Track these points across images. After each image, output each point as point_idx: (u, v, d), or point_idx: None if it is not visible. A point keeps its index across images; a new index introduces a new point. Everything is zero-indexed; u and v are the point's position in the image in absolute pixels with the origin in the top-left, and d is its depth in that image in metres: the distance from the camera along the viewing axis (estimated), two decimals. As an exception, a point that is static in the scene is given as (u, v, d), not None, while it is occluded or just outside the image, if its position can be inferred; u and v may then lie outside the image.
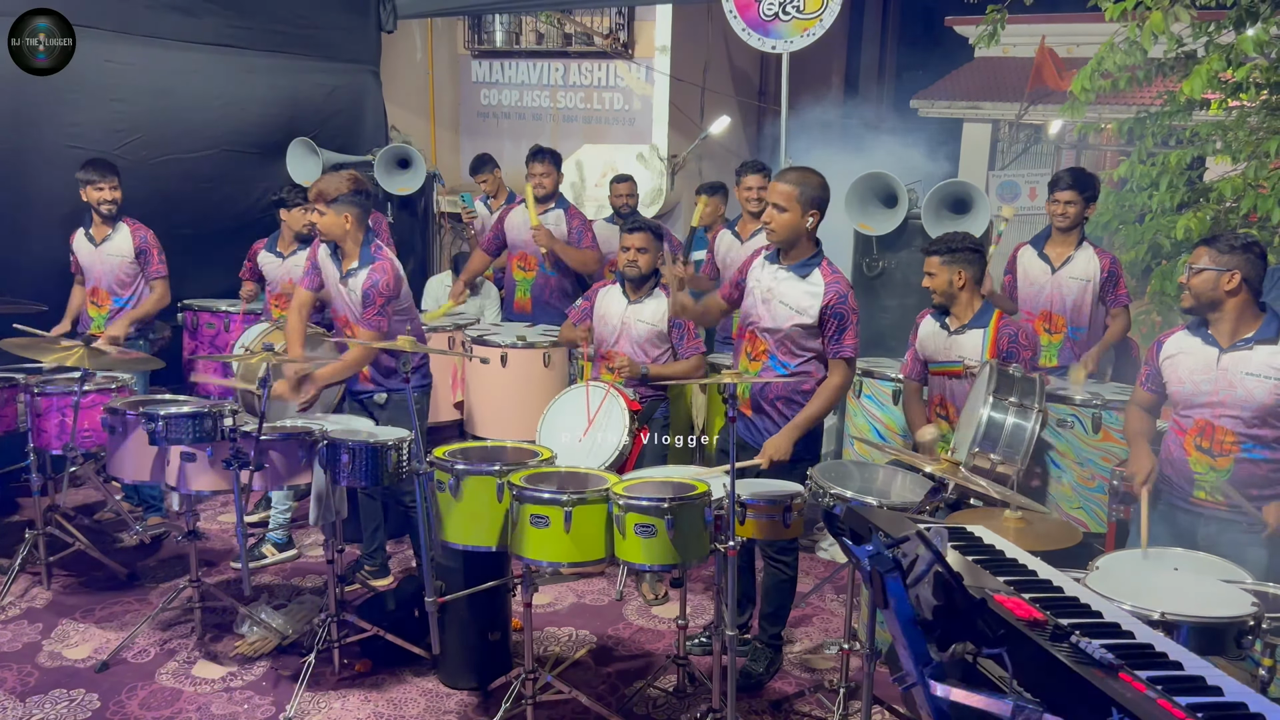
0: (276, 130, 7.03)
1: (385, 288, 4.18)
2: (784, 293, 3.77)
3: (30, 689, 3.81)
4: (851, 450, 5.08)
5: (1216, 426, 3.27)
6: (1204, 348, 3.31)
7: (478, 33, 9.83)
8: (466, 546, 3.41)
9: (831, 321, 3.72)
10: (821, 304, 3.70)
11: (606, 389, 4.32)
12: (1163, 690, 1.47)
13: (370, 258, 4.22)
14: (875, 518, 1.80)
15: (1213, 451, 3.27)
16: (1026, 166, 11.40)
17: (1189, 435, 3.33)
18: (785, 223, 3.70)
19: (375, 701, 3.79)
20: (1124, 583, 2.61)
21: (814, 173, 3.78)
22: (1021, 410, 3.51)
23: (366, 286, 4.18)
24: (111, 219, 5.21)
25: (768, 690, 3.93)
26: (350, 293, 4.25)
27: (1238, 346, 3.24)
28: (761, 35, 6.38)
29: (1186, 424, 3.35)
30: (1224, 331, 3.27)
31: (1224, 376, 3.24)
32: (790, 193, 3.68)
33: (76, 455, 4.48)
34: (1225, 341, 3.27)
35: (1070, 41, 11.06)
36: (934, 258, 3.99)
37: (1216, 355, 3.27)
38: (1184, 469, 3.34)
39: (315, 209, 4.20)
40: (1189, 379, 3.33)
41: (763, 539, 3.49)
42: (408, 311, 4.40)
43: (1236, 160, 6.51)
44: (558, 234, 5.78)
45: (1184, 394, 3.35)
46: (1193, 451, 3.31)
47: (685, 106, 9.42)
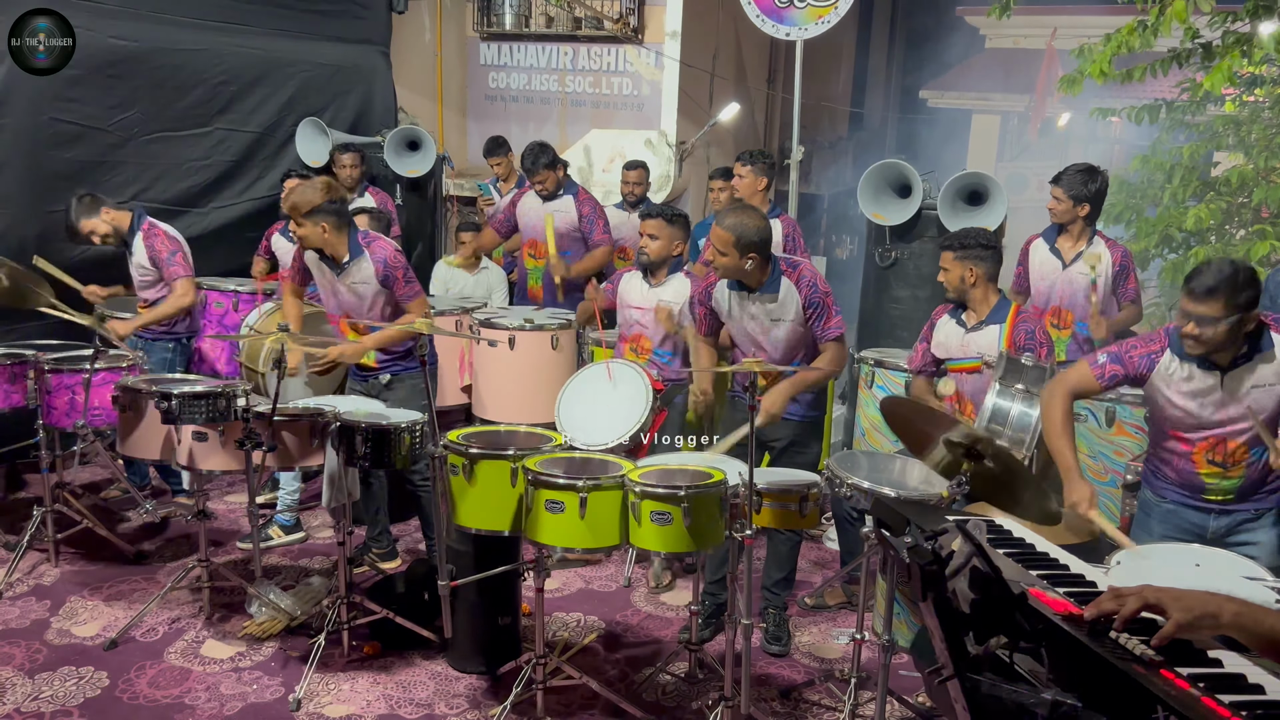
0: (282, 110, 6.98)
1: (395, 259, 4.23)
2: (772, 311, 3.90)
3: (39, 666, 3.80)
4: (863, 441, 5.07)
5: (1228, 442, 3.19)
6: (1200, 372, 3.13)
7: (487, 15, 9.77)
8: (479, 530, 3.40)
9: (811, 311, 3.86)
10: (801, 303, 3.85)
11: (632, 366, 4.32)
12: (1205, 688, 1.46)
13: (360, 247, 4.22)
14: (907, 510, 1.78)
15: (1226, 464, 3.20)
16: (1035, 159, 11.37)
17: (1199, 450, 3.21)
18: (727, 265, 3.83)
19: (384, 684, 3.78)
20: (1146, 579, 2.58)
21: (752, 215, 3.81)
22: (1028, 398, 3.49)
23: (381, 272, 4.19)
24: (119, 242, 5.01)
25: (777, 678, 3.93)
26: (353, 287, 4.24)
27: (1238, 364, 3.10)
28: (775, 22, 6.35)
29: (1194, 439, 3.22)
30: (1223, 358, 3.11)
31: (1230, 397, 3.12)
32: (727, 239, 3.76)
33: (87, 433, 4.47)
34: (1225, 362, 3.11)
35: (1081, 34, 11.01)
36: (947, 253, 3.96)
37: (1219, 378, 3.12)
38: (1193, 480, 3.25)
39: (294, 221, 4.18)
40: (1193, 404, 3.17)
41: (777, 528, 3.49)
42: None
43: (1250, 155, 6.49)
44: (567, 222, 5.76)
45: (1187, 418, 3.20)
46: (1204, 465, 3.22)
47: (694, 93, 9.37)
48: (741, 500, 3.19)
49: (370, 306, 4.27)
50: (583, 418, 4.16)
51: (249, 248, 6.06)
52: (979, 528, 1.63)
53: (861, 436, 5.10)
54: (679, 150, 8.99)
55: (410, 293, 4.27)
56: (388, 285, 4.22)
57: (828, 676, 3.92)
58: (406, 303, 4.27)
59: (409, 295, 4.27)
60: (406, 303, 4.27)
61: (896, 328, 5.57)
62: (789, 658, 4.10)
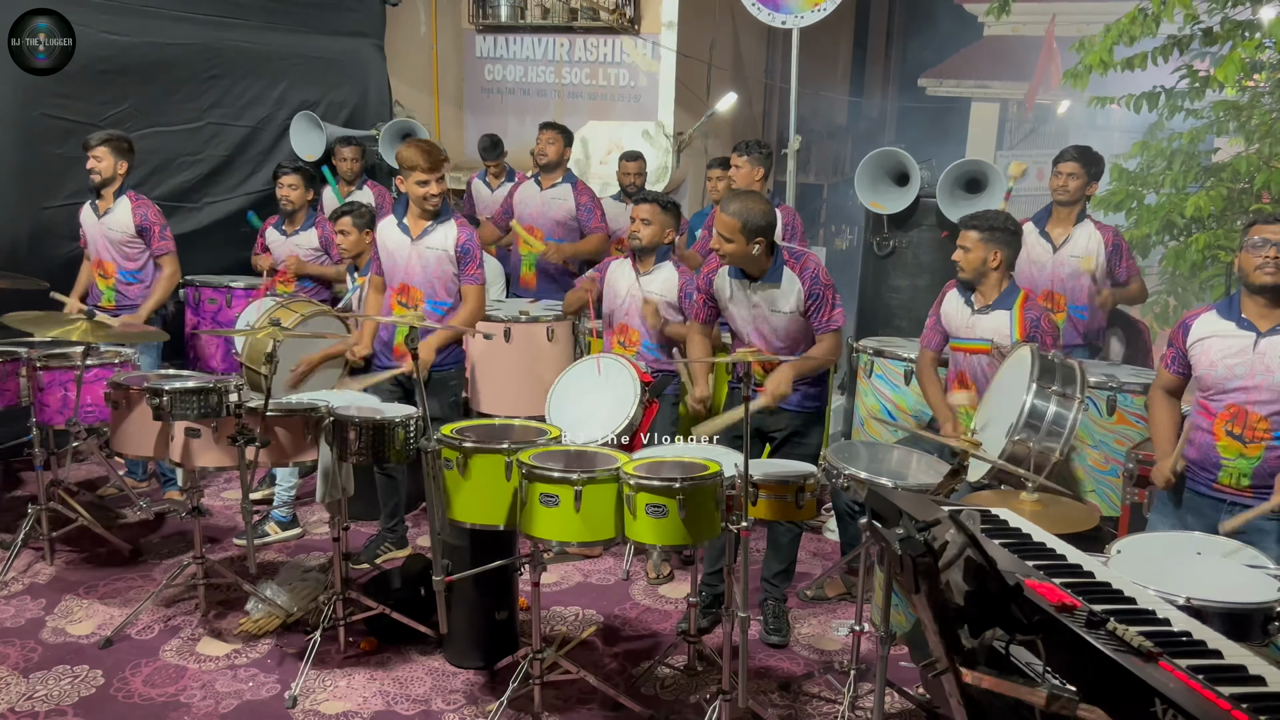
0: (276, 104, 6.94)
1: (478, 246, 4.40)
2: (773, 300, 3.87)
3: (34, 665, 3.78)
4: (862, 431, 5.04)
5: (1250, 413, 3.18)
6: (1239, 332, 3.21)
7: (482, 7, 9.70)
8: (474, 525, 3.38)
9: (811, 302, 3.83)
10: (805, 294, 3.82)
11: (619, 360, 4.29)
12: (1205, 680, 1.42)
13: (450, 212, 4.38)
14: (901, 500, 1.75)
15: (1244, 438, 3.20)
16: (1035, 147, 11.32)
17: (1219, 420, 3.25)
18: (732, 252, 3.78)
19: (381, 680, 3.76)
20: (1147, 568, 2.57)
21: (758, 200, 3.77)
22: (1064, 399, 3.45)
23: (463, 244, 4.32)
24: (102, 189, 5.09)
25: (776, 671, 3.91)
26: (423, 251, 4.34)
27: (1276, 331, 3.15)
28: (771, 10, 6.30)
29: (1216, 408, 3.27)
30: (1262, 315, 3.18)
31: (1260, 361, 3.15)
32: (733, 225, 3.72)
33: (79, 430, 4.44)
34: (1264, 325, 3.17)
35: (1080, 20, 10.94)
36: (972, 233, 3.89)
37: (1254, 340, 3.18)
38: (1211, 454, 3.27)
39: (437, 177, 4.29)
40: (1221, 363, 3.24)
41: (774, 520, 3.46)
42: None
43: (1250, 141, 6.44)
44: (564, 210, 5.74)
45: (1215, 378, 3.26)
46: (1222, 437, 3.24)
47: (691, 83, 9.31)
48: (737, 492, 3.15)
49: (434, 271, 4.36)
50: (573, 415, 4.12)
51: (243, 243, 6.03)
52: (973, 518, 1.60)
53: (860, 426, 5.07)
54: (677, 141, 8.93)
55: (478, 276, 4.39)
56: (462, 263, 4.34)
57: (827, 668, 3.90)
58: (469, 284, 4.38)
59: (473, 278, 4.38)
60: (469, 284, 4.38)
61: (895, 317, 5.54)
62: (789, 650, 4.07)
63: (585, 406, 4.20)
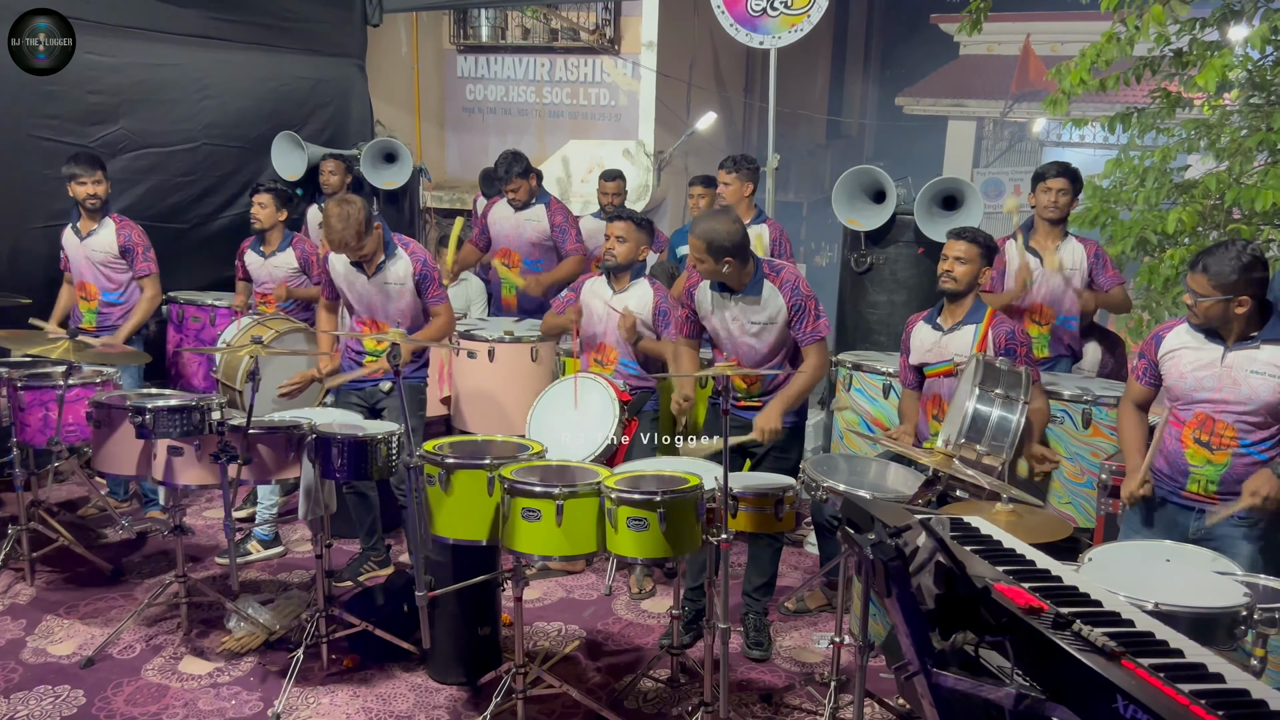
0: (261, 124, 6.97)
1: (434, 268, 4.41)
2: (753, 312, 3.92)
3: (14, 685, 3.76)
4: (840, 444, 5.08)
5: (1217, 421, 3.26)
6: (1208, 344, 3.29)
7: (463, 27, 9.79)
8: (456, 540, 3.40)
9: (795, 314, 3.88)
10: (787, 306, 3.87)
11: (597, 380, 4.32)
12: (1165, 677, 1.47)
13: (395, 246, 4.36)
14: (874, 509, 1.79)
15: (1211, 445, 3.27)
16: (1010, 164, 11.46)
17: (1187, 428, 3.32)
18: (705, 271, 3.88)
19: (364, 697, 3.76)
20: (1117, 574, 2.62)
21: (724, 221, 3.82)
22: (1007, 403, 3.51)
23: (420, 272, 4.35)
24: (97, 213, 5.15)
25: (758, 683, 3.94)
26: (385, 287, 4.34)
27: (1243, 345, 3.23)
28: (749, 31, 6.38)
29: (1185, 416, 3.34)
30: (1230, 331, 3.25)
31: (1228, 374, 3.23)
32: (698, 245, 3.80)
33: (61, 449, 4.44)
34: (1231, 339, 3.26)
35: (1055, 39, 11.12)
36: (972, 246, 3.90)
37: (1221, 352, 3.26)
38: (1179, 461, 3.34)
39: (350, 251, 4.27)
40: (1190, 374, 3.32)
41: (754, 532, 3.49)
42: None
43: (1220, 158, 6.56)
44: (538, 231, 5.76)
45: (1184, 389, 3.34)
46: (1190, 444, 3.31)
47: (672, 102, 9.41)
48: (717, 505, 3.19)
49: (396, 304, 4.37)
50: (553, 436, 4.14)
51: (226, 262, 6.03)
52: (943, 524, 1.64)
53: (839, 439, 5.12)
54: (657, 159, 9.02)
55: (440, 295, 4.43)
56: (421, 289, 4.37)
57: (808, 680, 3.93)
58: (435, 305, 4.42)
59: (438, 299, 4.42)
60: (435, 305, 4.42)
61: (873, 332, 5.60)
62: (770, 662, 4.10)
63: (564, 428, 4.23)
